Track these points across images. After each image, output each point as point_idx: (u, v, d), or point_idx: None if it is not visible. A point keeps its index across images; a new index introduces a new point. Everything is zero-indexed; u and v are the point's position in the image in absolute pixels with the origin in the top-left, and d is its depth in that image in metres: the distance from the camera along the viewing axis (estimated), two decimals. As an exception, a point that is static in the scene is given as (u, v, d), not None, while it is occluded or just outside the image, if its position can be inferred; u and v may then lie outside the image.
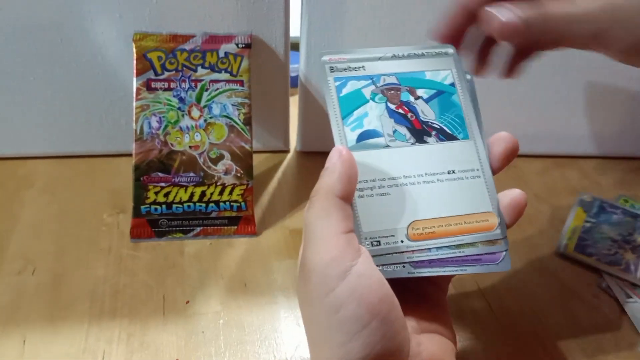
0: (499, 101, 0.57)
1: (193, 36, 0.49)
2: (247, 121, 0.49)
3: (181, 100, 0.49)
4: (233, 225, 0.49)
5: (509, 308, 0.43)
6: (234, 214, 0.49)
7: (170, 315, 0.41)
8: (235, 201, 0.49)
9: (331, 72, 0.32)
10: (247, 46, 0.50)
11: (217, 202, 0.48)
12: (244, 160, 0.49)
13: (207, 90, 0.49)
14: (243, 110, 0.49)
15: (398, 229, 0.29)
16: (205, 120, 0.49)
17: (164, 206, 0.48)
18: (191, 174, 0.48)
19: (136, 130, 0.48)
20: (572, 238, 0.49)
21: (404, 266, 0.29)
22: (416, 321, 0.30)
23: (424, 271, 0.29)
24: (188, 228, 0.48)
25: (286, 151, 0.61)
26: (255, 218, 0.49)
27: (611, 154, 0.62)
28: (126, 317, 0.41)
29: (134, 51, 0.49)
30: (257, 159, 0.58)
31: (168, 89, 0.49)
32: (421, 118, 0.32)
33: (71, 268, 0.45)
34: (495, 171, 0.32)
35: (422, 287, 0.32)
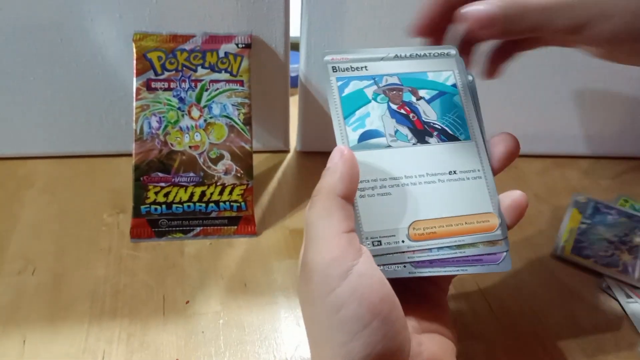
0: (499, 101, 0.57)
1: (193, 36, 0.49)
2: (247, 121, 0.49)
3: (181, 100, 0.49)
4: (233, 225, 0.49)
5: (509, 308, 0.43)
6: (234, 214, 0.49)
7: (170, 315, 0.41)
8: (235, 201, 0.49)
9: (334, 72, 0.32)
10: (247, 46, 0.50)
11: (217, 202, 0.48)
12: (244, 160, 0.49)
13: (207, 90, 0.49)
14: (243, 110, 0.49)
15: (399, 229, 0.29)
16: (205, 120, 0.49)
17: (164, 206, 0.48)
18: (191, 174, 0.48)
19: (136, 130, 0.48)
20: (569, 240, 0.49)
21: (405, 266, 0.29)
22: (417, 321, 0.30)
23: (425, 271, 0.29)
24: (188, 228, 0.48)
25: (286, 151, 0.61)
26: (255, 218, 0.49)
27: (611, 154, 0.62)
28: (126, 317, 0.41)
29: (134, 51, 0.48)
30: (257, 159, 0.58)
31: (168, 89, 0.49)
32: (423, 118, 0.32)
33: (71, 268, 0.44)
34: (496, 172, 0.32)
35: (423, 287, 0.32)
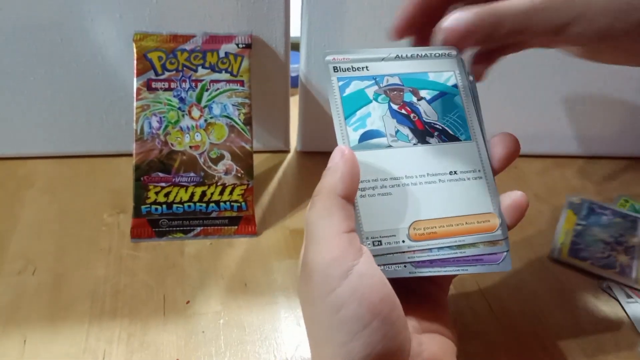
0: (499, 101, 0.57)
1: (193, 36, 0.49)
2: (248, 121, 0.49)
3: (181, 100, 0.49)
4: (233, 225, 0.49)
5: (509, 308, 0.43)
6: (234, 214, 0.49)
7: (170, 315, 0.41)
8: (235, 201, 0.49)
9: (335, 72, 0.32)
10: (248, 46, 0.50)
11: (218, 202, 0.48)
12: (245, 160, 0.49)
13: (208, 90, 0.49)
14: (243, 110, 0.49)
15: (400, 229, 0.29)
16: (205, 120, 0.49)
17: (165, 206, 0.48)
18: (191, 174, 0.48)
19: (136, 130, 0.48)
20: (565, 243, 0.49)
21: (405, 266, 0.29)
22: (417, 321, 0.30)
23: (425, 271, 0.29)
24: (188, 228, 0.48)
25: (286, 151, 0.61)
26: (255, 218, 0.49)
27: (611, 154, 0.62)
28: (126, 317, 0.41)
29: (135, 51, 0.48)
30: (258, 159, 0.58)
31: (168, 89, 0.49)
32: (424, 119, 0.32)
33: (71, 268, 0.44)
34: (496, 172, 0.32)
35: (424, 287, 0.32)
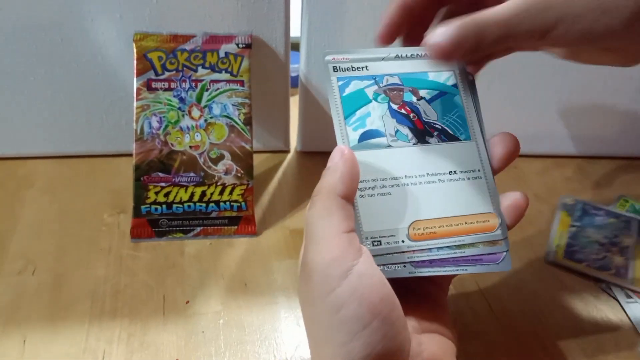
0: (499, 101, 0.57)
1: (193, 36, 0.49)
2: (248, 121, 0.49)
3: (181, 100, 0.49)
4: (233, 225, 0.49)
5: (509, 308, 0.43)
6: (234, 214, 0.49)
7: (170, 315, 0.41)
8: (235, 201, 0.49)
9: (334, 72, 0.32)
10: (248, 46, 0.50)
11: (218, 202, 0.48)
12: (244, 160, 0.49)
13: (208, 90, 0.49)
14: (243, 110, 0.49)
15: (399, 229, 0.29)
16: (205, 120, 0.49)
17: (164, 206, 0.48)
18: (191, 174, 0.48)
19: (136, 130, 0.48)
20: (560, 245, 0.49)
21: (405, 266, 0.29)
22: (417, 321, 0.30)
23: (425, 271, 0.29)
24: (188, 228, 0.48)
25: (286, 151, 0.61)
26: (255, 218, 0.49)
27: (611, 154, 0.62)
28: (126, 317, 0.41)
29: (135, 51, 0.49)
30: (258, 159, 0.58)
31: (168, 89, 0.49)
32: (423, 118, 0.32)
33: (71, 268, 0.44)
34: (496, 171, 0.32)
35: (423, 287, 0.32)
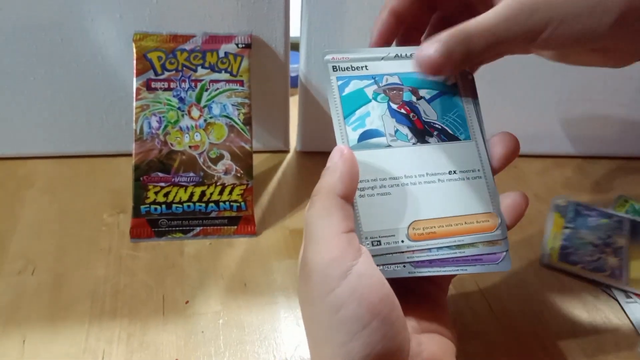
0: (499, 101, 0.57)
1: (193, 36, 0.49)
2: (247, 121, 0.49)
3: (181, 100, 0.49)
4: (233, 225, 0.49)
5: (509, 308, 0.43)
6: (234, 214, 0.49)
7: (170, 315, 0.41)
8: (235, 201, 0.49)
9: (334, 72, 0.32)
10: (247, 46, 0.50)
11: (217, 202, 0.48)
12: (244, 160, 0.49)
13: (207, 90, 0.49)
14: (243, 110, 0.49)
15: (399, 229, 0.29)
16: (205, 120, 0.49)
17: (164, 206, 0.48)
18: (191, 174, 0.48)
19: (136, 130, 0.48)
20: (554, 247, 0.48)
21: (405, 266, 0.29)
22: (417, 321, 0.30)
23: (425, 271, 0.29)
24: (188, 228, 0.48)
25: (286, 151, 0.61)
26: (255, 218, 0.49)
27: (611, 154, 0.62)
28: (126, 317, 0.41)
29: (134, 51, 0.48)
30: (257, 159, 0.58)
31: (168, 89, 0.49)
32: (423, 118, 0.32)
33: (71, 268, 0.44)
34: (496, 171, 0.32)
35: (423, 287, 0.32)
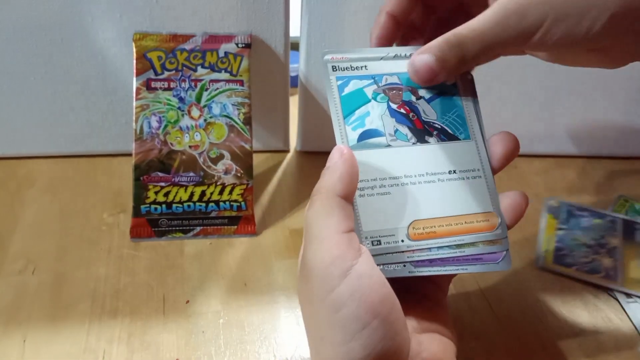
0: (499, 101, 0.57)
1: (193, 36, 0.49)
2: (247, 121, 0.49)
3: (181, 99, 0.49)
4: (233, 224, 0.49)
5: (509, 308, 0.43)
6: (234, 214, 0.49)
7: (170, 314, 0.41)
8: (235, 201, 0.49)
9: (333, 71, 0.32)
10: (247, 46, 0.50)
11: (217, 202, 0.48)
12: (244, 160, 0.49)
13: (207, 90, 0.49)
14: (243, 110, 0.49)
15: (399, 229, 0.29)
16: (205, 119, 0.49)
17: (164, 206, 0.48)
18: (191, 174, 0.48)
19: (136, 129, 0.48)
20: (549, 250, 0.48)
21: (405, 265, 0.29)
22: (417, 321, 0.30)
23: (425, 270, 0.29)
24: (188, 228, 0.48)
25: (286, 151, 0.61)
26: (255, 218, 0.49)
27: (611, 154, 0.62)
28: (127, 317, 0.41)
29: (134, 51, 0.49)
30: (257, 159, 0.58)
31: (168, 89, 0.49)
32: (423, 118, 0.32)
33: (72, 267, 0.45)
34: (495, 171, 0.32)
35: (423, 287, 0.32)
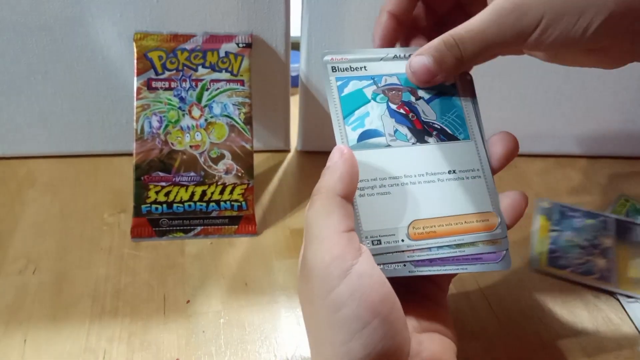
0: (499, 101, 0.57)
1: (194, 36, 0.49)
2: (248, 121, 0.50)
3: (182, 99, 0.49)
4: (234, 224, 0.49)
5: (509, 307, 0.43)
6: (235, 214, 0.49)
7: (171, 314, 0.41)
8: (235, 201, 0.49)
9: (333, 72, 0.32)
10: (248, 46, 0.50)
11: (218, 202, 0.48)
12: (245, 159, 0.49)
13: (208, 89, 0.49)
14: (244, 109, 0.49)
15: (399, 228, 0.29)
16: (205, 119, 0.49)
17: (165, 205, 0.48)
18: (192, 174, 0.48)
19: (137, 129, 0.48)
20: (542, 252, 0.48)
21: (405, 265, 0.29)
22: (417, 320, 0.30)
23: (425, 270, 0.29)
24: (189, 227, 0.48)
25: (287, 151, 0.61)
26: (255, 217, 0.49)
27: (612, 154, 0.62)
28: (127, 317, 0.41)
29: (135, 51, 0.49)
30: (258, 159, 0.58)
31: (169, 89, 0.49)
32: (422, 118, 0.32)
33: (72, 267, 0.45)
34: (495, 171, 0.32)
35: (423, 287, 0.32)
